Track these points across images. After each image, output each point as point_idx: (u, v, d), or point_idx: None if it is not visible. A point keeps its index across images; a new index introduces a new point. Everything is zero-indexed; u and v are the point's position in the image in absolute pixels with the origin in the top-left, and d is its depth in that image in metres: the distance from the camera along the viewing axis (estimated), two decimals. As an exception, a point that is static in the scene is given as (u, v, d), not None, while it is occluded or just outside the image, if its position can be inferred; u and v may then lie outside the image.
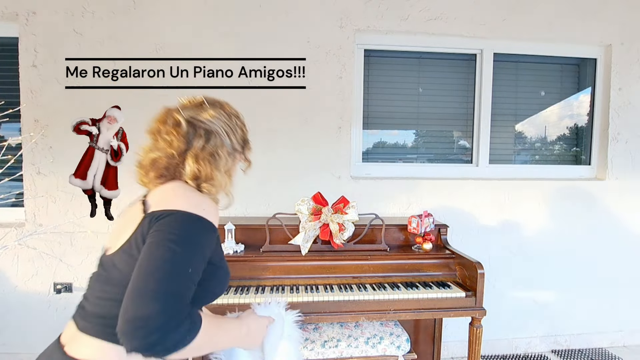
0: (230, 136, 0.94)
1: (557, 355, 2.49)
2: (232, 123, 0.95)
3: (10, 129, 2.28)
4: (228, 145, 0.94)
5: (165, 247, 0.72)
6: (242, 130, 0.99)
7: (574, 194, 2.48)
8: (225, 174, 0.94)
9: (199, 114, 0.92)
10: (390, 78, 2.46)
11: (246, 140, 1.03)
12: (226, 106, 0.98)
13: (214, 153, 0.90)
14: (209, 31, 2.18)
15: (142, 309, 0.66)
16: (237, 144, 0.97)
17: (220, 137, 0.92)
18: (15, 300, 2.19)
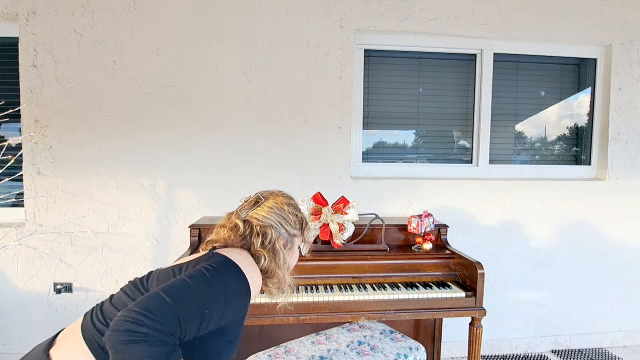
0: (283, 225, 1.04)
1: (557, 355, 2.49)
2: (285, 213, 1.05)
3: (10, 129, 2.28)
4: (284, 236, 1.04)
5: (201, 272, 0.80)
6: (295, 216, 1.08)
7: (574, 194, 2.48)
8: (286, 269, 1.04)
9: (255, 212, 1.03)
10: (390, 78, 2.46)
11: (303, 222, 1.11)
12: (279, 197, 1.08)
13: (273, 249, 1.00)
14: (209, 31, 2.18)
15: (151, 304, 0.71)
16: (292, 228, 1.06)
17: (275, 233, 1.01)
18: (15, 300, 2.19)
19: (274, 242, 1.01)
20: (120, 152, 2.18)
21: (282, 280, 1.02)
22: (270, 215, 1.02)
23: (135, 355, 0.67)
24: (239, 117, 2.23)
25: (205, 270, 0.81)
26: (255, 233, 1.00)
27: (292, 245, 1.07)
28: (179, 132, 2.21)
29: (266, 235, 1.00)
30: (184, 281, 0.77)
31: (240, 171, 2.25)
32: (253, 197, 1.08)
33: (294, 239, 1.08)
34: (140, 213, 2.21)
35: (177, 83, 2.19)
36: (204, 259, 0.89)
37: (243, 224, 1.01)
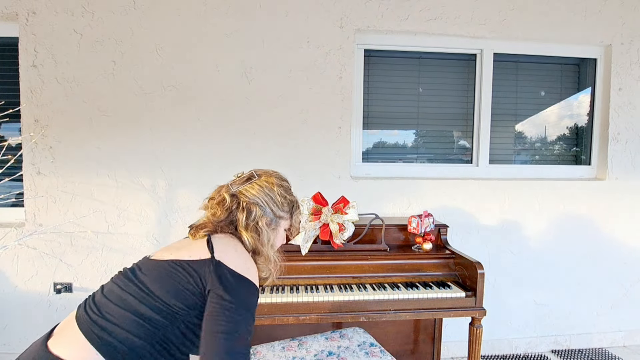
0: (269, 204, 1.05)
1: (557, 355, 2.49)
2: (273, 192, 1.07)
3: (10, 129, 2.28)
4: (269, 214, 1.05)
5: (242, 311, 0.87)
6: (284, 197, 1.09)
7: (574, 194, 2.48)
8: (270, 247, 1.06)
9: (245, 189, 1.05)
10: (390, 78, 2.46)
11: (293, 205, 1.13)
12: (272, 177, 1.10)
13: (256, 227, 1.03)
14: (209, 31, 2.18)
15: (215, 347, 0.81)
16: (279, 209, 1.08)
17: (260, 211, 1.03)
18: (15, 300, 2.19)
19: (257, 220, 1.03)
20: (120, 152, 2.18)
21: (268, 258, 1.06)
22: (258, 194, 1.04)
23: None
24: (239, 117, 2.23)
25: (243, 310, 0.88)
26: (241, 208, 1.02)
27: (276, 226, 1.09)
28: (179, 132, 2.21)
29: (251, 212, 1.02)
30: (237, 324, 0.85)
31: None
32: (247, 174, 1.11)
33: (279, 220, 1.09)
34: (140, 213, 2.21)
35: (177, 83, 2.19)
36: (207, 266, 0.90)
37: (230, 198, 1.03)
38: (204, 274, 0.89)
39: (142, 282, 0.90)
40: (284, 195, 1.09)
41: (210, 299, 0.87)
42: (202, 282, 0.89)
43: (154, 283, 0.89)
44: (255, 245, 1.03)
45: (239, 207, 1.02)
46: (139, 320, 0.84)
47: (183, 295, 0.88)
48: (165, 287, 0.88)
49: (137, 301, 0.86)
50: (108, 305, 0.86)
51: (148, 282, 0.89)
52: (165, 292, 0.87)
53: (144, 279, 0.90)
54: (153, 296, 0.87)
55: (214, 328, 0.83)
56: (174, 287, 0.88)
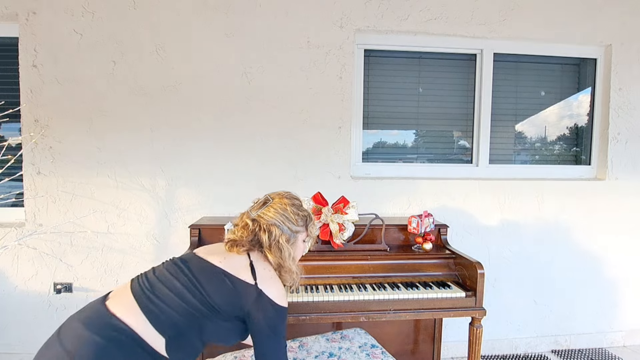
0: (286, 223, 1.20)
1: (557, 355, 2.49)
2: (287, 213, 1.22)
3: (10, 129, 2.28)
4: (287, 233, 1.20)
5: (279, 339, 1.12)
6: (297, 215, 1.24)
7: (574, 194, 2.48)
8: (292, 261, 1.21)
9: (263, 212, 1.21)
10: (390, 78, 2.46)
11: (307, 219, 1.27)
12: (284, 199, 1.25)
13: (277, 245, 1.18)
14: (209, 31, 2.18)
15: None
16: (295, 226, 1.22)
17: (278, 231, 1.19)
18: (15, 300, 2.19)
19: (278, 239, 1.18)
20: (120, 152, 2.18)
21: (291, 270, 1.21)
22: (275, 216, 1.20)
23: None
24: (238, 117, 2.23)
25: (281, 337, 1.12)
26: (263, 230, 1.18)
27: (295, 240, 1.23)
28: (179, 132, 2.21)
29: (271, 233, 1.18)
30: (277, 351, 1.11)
31: (240, 171, 2.25)
32: (262, 199, 1.27)
33: (297, 235, 1.24)
34: (140, 213, 2.21)
35: (177, 83, 2.19)
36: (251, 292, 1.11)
37: (252, 222, 1.20)
38: (247, 296, 1.09)
39: (193, 276, 1.09)
40: (296, 212, 1.24)
41: (254, 320, 1.10)
42: (243, 301, 1.09)
43: (204, 281, 1.08)
44: (279, 262, 1.19)
45: (261, 229, 1.18)
46: (184, 305, 1.03)
47: (225, 300, 1.07)
48: (212, 287, 1.08)
49: (186, 290, 1.05)
50: (159, 286, 1.06)
51: (200, 277, 1.08)
52: (213, 291, 1.07)
53: (196, 273, 1.09)
54: (202, 290, 1.06)
55: (260, 350, 1.10)
56: (219, 291, 1.07)
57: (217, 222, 1.94)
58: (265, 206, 1.23)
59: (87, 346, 0.90)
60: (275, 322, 1.10)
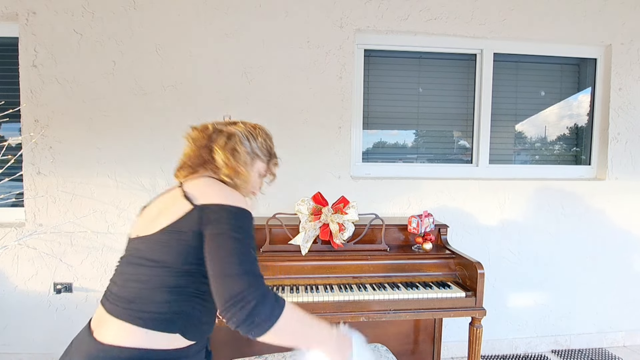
0: (250, 140, 1.07)
1: (557, 355, 2.49)
2: (255, 132, 1.10)
3: (10, 129, 2.28)
4: (247, 146, 1.06)
5: (232, 237, 0.86)
6: (264, 141, 1.12)
7: (574, 194, 2.48)
8: (248, 170, 1.05)
9: (227, 126, 1.08)
10: (390, 78, 2.46)
11: (271, 152, 1.15)
12: (256, 125, 1.13)
13: (234, 148, 1.02)
14: (209, 31, 2.18)
15: (233, 287, 0.81)
16: (258, 149, 1.09)
17: (240, 138, 1.05)
18: (15, 300, 2.19)
19: (236, 145, 1.03)
20: (120, 152, 2.18)
21: (247, 178, 1.04)
22: (242, 130, 1.08)
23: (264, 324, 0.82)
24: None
25: (235, 233, 0.87)
26: (222, 133, 1.05)
27: (252, 163, 1.08)
28: (179, 132, 2.18)
29: (231, 138, 1.04)
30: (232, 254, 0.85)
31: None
32: (234, 120, 1.14)
33: (255, 158, 1.09)
34: (140, 213, 2.21)
35: (177, 83, 2.19)
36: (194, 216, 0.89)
37: (212, 126, 1.07)
38: (194, 225, 0.88)
39: (151, 259, 0.90)
40: (264, 139, 1.12)
41: (205, 240, 0.87)
42: (195, 232, 0.88)
43: (162, 254, 0.89)
44: (232, 163, 1.01)
45: (221, 133, 1.05)
46: (168, 289, 0.88)
47: (190, 254, 0.88)
48: (172, 253, 0.89)
49: (158, 277, 0.88)
50: (133, 291, 0.89)
51: (157, 256, 0.89)
52: (176, 258, 0.88)
53: (150, 255, 0.90)
54: (169, 266, 0.88)
55: (218, 259, 0.85)
56: (178, 251, 0.88)
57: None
58: (234, 124, 1.11)
59: None
60: (231, 223, 0.87)
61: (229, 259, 0.83)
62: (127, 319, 0.86)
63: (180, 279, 0.89)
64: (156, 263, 0.89)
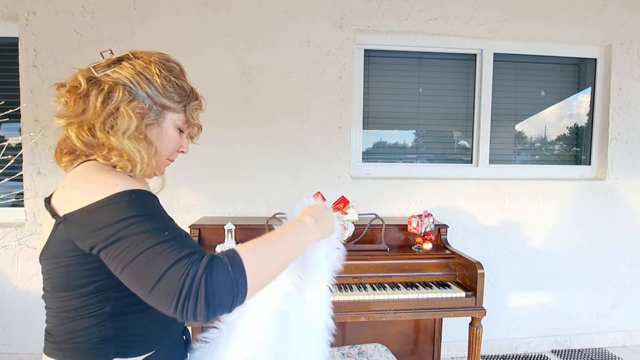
0: (142, 85, 0.73)
1: (557, 355, 2.49)
2: (151, 72, 0.74)
3: (10, 129, 2.28)
4: (142, 98, 0.73)
5: (125, 237, 0.60)
6: (168, 79, 0.76)
7: (574, 194, 2.48)
8: (135, 138, 0.72)
9: (112, 71, 0.73)
10: (390, 78, 2.46)
11: (186, 91, 0.80)
12: (153, 57, 0.77)
13: (111, 112, 0.70)
14: (209, 31, 2.18)
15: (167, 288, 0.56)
16: (164, 97, 0.75)
17: (127, 90, 0.72)
18: (16, 300, 2.19)
19: (119, 105, 0.71)
20: (120, 152, 2.18)
21: (145, 153, 0.72)
22: (125, 72, 0.73)
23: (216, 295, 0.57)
24: (238, 117, 2.23)
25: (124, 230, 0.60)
26: (100, 89, 0.71)
27: (157, 119, 0.76)
28: (179, 132, 2.20)
29: (111, 97, 0.71)
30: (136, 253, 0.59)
31: (240, 171, 2.25)
32: (121, 54, 0.77)
33: (164, 112, 0.77)
34: (140, 213, 2.21)
35: (177, 83, 2.18)
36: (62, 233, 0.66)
37: (87, 82, 0.72)
38: (65, 245, 0.66)
39: (45, 289, 0.74)
40: (168, 77, 0.76)
41: (103, 258, 0.63)
42: (75, 252, 0.66)
43: (51, 284, 0.72)
44: (105, 139, 0.70)
45: (99, 90, 0.71)
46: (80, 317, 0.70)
47: (82, 277, 0.68)
48: (59, 283, 0.70)
49: (62, 304, 0.72)
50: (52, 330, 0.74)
51: (48, 286, 0.73)
52: (67, 285, 0.69)
53: (44, 283, 0.74)
54: (64, 305, 0.71)
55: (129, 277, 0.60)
56: (64, 279, 0.69)
57: (217, 222, 1.94)
58: (119, 63, 0.75)
59: None
60: (109, 220, 0.61)
61: (135, 268, 0.58)
62: (48, 354, 0.72)
63: (88, 301, 0.69)
64: (50, 293, 0.71)
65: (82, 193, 0.65)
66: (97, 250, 0.62)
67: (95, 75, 0.73)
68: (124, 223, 0.60)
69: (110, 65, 0.74)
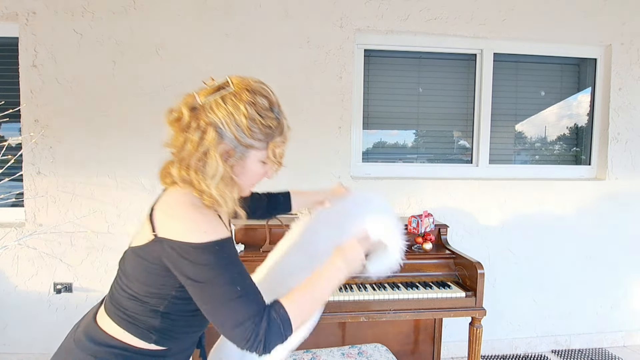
0: (230, 128, 0.79)
1: (557, 355, 2.49)
2: (240, 111, 0.80)
3: (10, 129, 2.28)
4: (229, 140, 0.80)
5: (205, 283, 0.75)
6: (255, 123, 0.81)
7: (574, 194, 2.48)
8: (221, 183, 0.80)
9: (211, 103, 0.81)
10: (390, 78, 2.46)
11: (270, 132, 0.85)
12: (246, 92, 0.84)
13: (203, 154, 0.79)
14: (209, 31, 2.18)
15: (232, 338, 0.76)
16: (248, 137, 0.81)
17: (218, 131, 0.78)
18: (15, 300, 2.19)
19: (209, 148, 0.78)
20: (120, 152, 2.18)
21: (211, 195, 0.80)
22: (219, 110, 0.80)
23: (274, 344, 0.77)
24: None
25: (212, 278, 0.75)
26: (196, 128, 0.80)
27: (242, 157, 0.83)
28: (179, 132, 2.20)
29: (204, 137, 0.79)
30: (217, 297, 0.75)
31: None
32: (221, 81, 0.86)
33: (248, 151, 0.83)
34: (140, 213, 2.21)
35: (177, 83, 2.19)
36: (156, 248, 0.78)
37: (190, 112, 0.82)
38: (157, 258, 0.78)
39: (124, 272, 0.85)
40: (254, 117, 0.81)
41: (181, 280, 0.77)
42: (161, 265, 0.78)
43: (133, 271, 0.83)
44: (196, 181, 0.80)
45: (198, 127, 0.80)
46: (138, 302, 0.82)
47: (158, 281, 0.80)
48: (140, 277, 0.81)
49: (131, 290, 0.83)
50: (113, 294, 0.87)
51: (129, 270, 0.84)
52: (145, 280, 0.81)
53: (124, 267, 0.85)
54: (131, 287, 0.82)
55: (207, 311, 0.77)
56: (145, 277, 0.81)
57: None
58: (219, 92, 0.83)
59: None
60: (195, 269, 0.74)
61: (213, 311, 0.75)
62: (115, 320, 0.84)
63: (150, 297, 0.82)
64: (132, 278, 0.83)
65: (177, 226, 0.77)
66: (180, 279, 0.77)
67: (198, 104, 0.82)
68: (208, 272, 0.75)
69: (211, 93, 0.83)
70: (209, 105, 0.81)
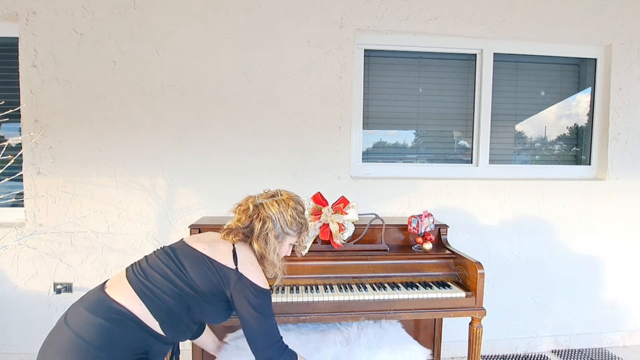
0: (281, 223, 1.28)
1: (557, 355, 2.49)
2: (286, 214, 1.30)
3: (10, 129, 2.28)
4: (278, 229, 1.29)
5: (255, 316, 1.19)
6: (294, 220, 1.31)
7: (574, 194, 2.48)
8: (275, 255, 1.29)
9: (267, 203, 1.29)
10: (390, 78, 2.46)
11: (302, 227, 1.36)
12: (291, 200, 1.33)
13: (266, 236, 1.26)
14: (209, 31, 2.18)
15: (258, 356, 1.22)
16: (288, 228, 1.30)
17: (273, 223, 1.27)
18: (15, 300, 2.19)
19: (268, 232, 1.26)
20: (120, 152, 2.18)
21: (273, 263, 1.30)
22: (275, 211, 1.28)
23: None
24: (238, 117, 2.23)
25: (264, 315, 1.20)
26: (259, 219, 1.27)
27: (282, 240, 1.32)
28: (179, 132, 2.21)
29: (265, 224, 1.26)
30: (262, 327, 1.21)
31: (241, 171, 2.25)
32: (272, 191, 1.37)
33: (286, 236, 1.32)
34: (140, 213, 2.21)
35: (177, 83, 2.19)
36: (232, 275, 1.19)
37: (253, 208, 1.28)
38: (227, 279, 1.18)
39: (179, 261, 1.18)
40: (295, 217, 1.31)
41: (237, 301, 1.19)
42: (224, 284, 1.18)
43: (188, 266, 1.18)
44: (262, 252, 1.27)
45: (258, 217, 1.27)
46: (173, 288, 1.14)
47: (207, 283, 1.17)
48: (195, 271, 1.17)
49: (173, 274, 1.15)
50: (150, 272, 1.16)
51: (185, 263, 1.18)
52: (196, 275, 1.16)
53: (182, 259, 1.19)
54: (186, 274, 1.16)
55: (248, 330, 1.20)
56: (201, 275, 1.17)
57: (217, 222, 1.94)
58: (273, 198, 1.32)
59: (94, 327, 1.02)
60: (258, 303, 1.19)
61: (253, 333, 1.20)
62: (135, 288, 1.11)
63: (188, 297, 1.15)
64: (185, 273, 1.16)
65: (252, 273, 1.22)
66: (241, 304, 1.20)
67: (257, 202, 1.30)
68: (261, 306, 1.21)
69: (267, 198, 1.32)
70: (266, 204, 1.29)
